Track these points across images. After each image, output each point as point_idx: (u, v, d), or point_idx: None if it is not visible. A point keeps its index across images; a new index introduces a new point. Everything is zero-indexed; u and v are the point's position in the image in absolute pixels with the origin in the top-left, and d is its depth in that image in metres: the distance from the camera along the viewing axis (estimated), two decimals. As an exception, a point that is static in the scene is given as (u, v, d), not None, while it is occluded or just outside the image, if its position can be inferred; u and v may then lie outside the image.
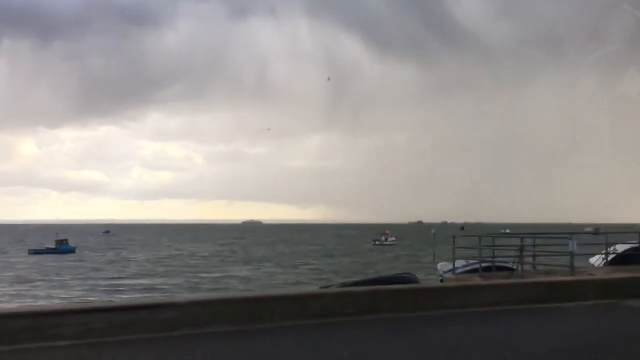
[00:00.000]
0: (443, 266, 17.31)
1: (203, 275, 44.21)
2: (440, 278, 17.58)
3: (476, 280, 13.87)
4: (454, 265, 15.97)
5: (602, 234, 17.54)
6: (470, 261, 16.18)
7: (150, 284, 39.30)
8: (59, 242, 79.69)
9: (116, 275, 44.92)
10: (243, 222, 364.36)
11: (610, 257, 17.25)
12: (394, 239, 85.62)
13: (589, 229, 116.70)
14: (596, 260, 17.29)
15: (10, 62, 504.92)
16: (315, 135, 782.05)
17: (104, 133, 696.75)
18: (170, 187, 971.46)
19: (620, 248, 17.81)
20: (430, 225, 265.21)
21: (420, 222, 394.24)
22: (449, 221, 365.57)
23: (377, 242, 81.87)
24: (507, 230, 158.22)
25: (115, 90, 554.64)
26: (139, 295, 32.99)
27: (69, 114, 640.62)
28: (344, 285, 15.32)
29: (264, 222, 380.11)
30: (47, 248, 78.36)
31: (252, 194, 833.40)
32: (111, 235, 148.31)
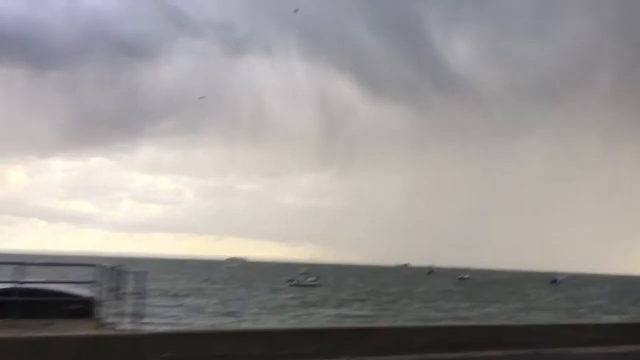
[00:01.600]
0: None
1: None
2: None
3: None
4: None
5: None
6: None
7: None
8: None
9: None
10: (227, 259, 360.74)
11: None
12: (312, 279, 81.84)
13: (561, 277, 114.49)
14: None
15: (3, 90, 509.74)
16: (308, 174, 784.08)
17: (95, 164, 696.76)
18: (161, 221, 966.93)
19: None
20: (416, 269, 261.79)
21: (406, 265, 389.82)
22: (436, 265, 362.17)
23: (294, 282, 77.32)
24: (467, 276, 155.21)
25: (108, 122, 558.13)
26: None
27: (60, 143, 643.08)
28: None
29: (249, 259, 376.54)
30: None
31: (242, 230, 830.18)
32: None
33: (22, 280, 11.36)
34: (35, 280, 12.86)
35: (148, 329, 11.28)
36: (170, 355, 7.54)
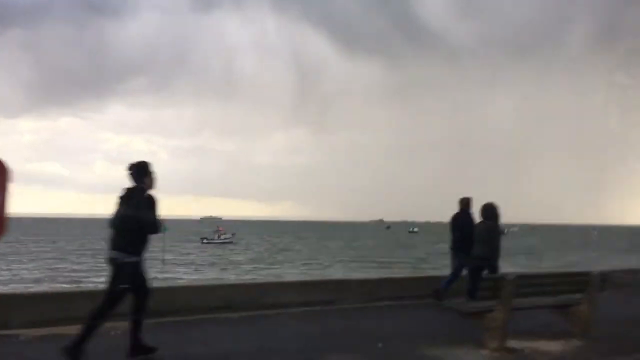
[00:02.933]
0: None
1: None
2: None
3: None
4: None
5: None
6: None
7: None
8: None
9: None
10: (201, 219, 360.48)
11: None
12: (228, 236, 79.99)
13: (514, 229, 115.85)
14: None
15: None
16: (282, 131, 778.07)
17: (64, 125, 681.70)
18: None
19: None
20: (390, 224, 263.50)
21: (381, 221, 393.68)
22: (409, 220, 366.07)
23: (205, 240, 75.57)
24: (415, 229, 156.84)
25: (76, 81, 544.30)
26: None
27: (27, 103, 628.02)
28: None
29: (224, 218, 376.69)
30: None
31: (220, 190, 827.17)
32: None
33: None
34: None
35: None
36: None
